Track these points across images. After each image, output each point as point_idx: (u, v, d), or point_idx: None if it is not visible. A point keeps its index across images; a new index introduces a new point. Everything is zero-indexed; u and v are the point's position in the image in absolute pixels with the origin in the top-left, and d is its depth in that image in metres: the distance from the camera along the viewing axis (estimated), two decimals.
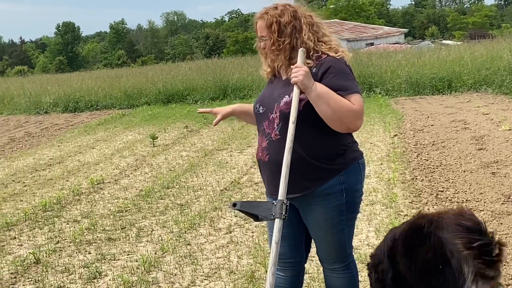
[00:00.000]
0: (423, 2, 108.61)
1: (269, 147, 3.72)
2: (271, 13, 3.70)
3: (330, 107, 3.52)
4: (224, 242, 6.79)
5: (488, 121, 13.34)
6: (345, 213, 3.75)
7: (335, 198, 3.69)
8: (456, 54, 23.69)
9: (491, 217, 6.86)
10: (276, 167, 3.62)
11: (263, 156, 3.76)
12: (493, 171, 8.93)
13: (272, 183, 3.73)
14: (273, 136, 3.69)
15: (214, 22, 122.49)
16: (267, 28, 3.69)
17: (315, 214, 3.74)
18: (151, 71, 31.82)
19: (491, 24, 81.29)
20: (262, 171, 3.86)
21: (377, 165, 9.99)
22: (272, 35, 3.67)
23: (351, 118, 3.58)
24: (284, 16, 3.68)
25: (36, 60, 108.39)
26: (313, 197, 3.68)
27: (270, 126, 3.72)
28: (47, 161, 12.98)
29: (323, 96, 3.52)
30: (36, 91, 28.35)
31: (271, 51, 3.72)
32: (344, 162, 3.71)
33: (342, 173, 3.69)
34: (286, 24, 3.67)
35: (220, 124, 4.20)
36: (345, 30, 58.41)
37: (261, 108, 3.81)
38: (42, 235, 7.56)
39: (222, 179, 9.90)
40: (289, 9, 3.73)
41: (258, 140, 3.87)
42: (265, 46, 3.74)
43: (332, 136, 3.66)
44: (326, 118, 3.56)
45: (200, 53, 79.48)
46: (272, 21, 3.67)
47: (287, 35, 3.67)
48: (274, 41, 3.67)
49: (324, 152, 3.66)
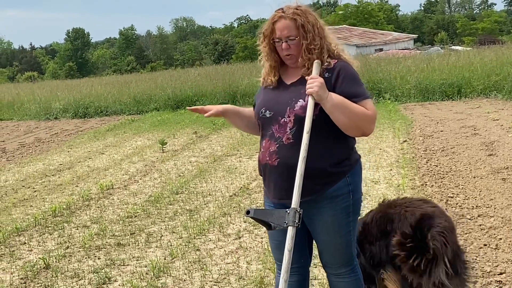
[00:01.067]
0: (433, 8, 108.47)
1: (279, 151, 3.70)
2: (299, 13, 3.68)
3: (346, 116, 3.55)
4: (233, 247, 6.78)
5: (498, 127, 13.29)
6: (351, 214, 3.78)
7: (343, 199, 3.72)
8: (466, 60, 23.63)
9: (501, 223, 6.83)
10: (287, 171, 3.63)
11: (272, 160, 3.73)
12: (504, 177, 8.90)
13: (281, 187, 3.72)
14: (284, 140, 3.68)
15: (223, 28, 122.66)
16: (298, 28, 3.66)
17: (324, 217, 3.74)
18: (160, 77, 31.87)
19: (501, 30, 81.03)
20: (268, 176, 3.82)
21: (386, 171, 9.97)
22: (307, 34, 3.65)
23: (366, 124, 3.62)
24: (310, 17, 3.70)
25: (46, 66, 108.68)
26: (322, 200, 3.69)
27: (281, 130, 3.70)
28: (57, 167, 13.01)
29: (339, 107, 3.55)
30: (46, 97, 28.48)
31: (308, 50, 3.68)
32: (350, 164, 3.75)
33: (348, 175, 3.72)
34: (314, 24, 3.69)
35: (229, 129, 4.21)
36: (354, 36, 58.44)
37: (268, 112, 3.78)
38: (51, 240, 7.58)
39: (231, 184, 9.90)
40: (309, 11, 3.74)
41: (264, 144, 3.81)
42: (289, 46, 3.70)
43: (343, 141, 3.70)
44: (342, 126, 3.59)
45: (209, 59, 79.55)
46: (303, 21, 3.65)
47: (317, 35, 3.68)
48: (311, 41, 3.66)
49: (335, 157, 3.68)
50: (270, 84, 3.88)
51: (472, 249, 6.14)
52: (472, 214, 7.28)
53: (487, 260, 5.86)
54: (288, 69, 3.84)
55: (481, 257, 5.93)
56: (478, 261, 5.85)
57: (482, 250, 6.12)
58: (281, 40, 3.70)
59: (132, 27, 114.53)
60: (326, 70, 3.66)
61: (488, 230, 6.68)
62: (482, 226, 6.81)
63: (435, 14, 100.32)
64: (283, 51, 3.73)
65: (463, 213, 7.35)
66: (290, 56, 3.74)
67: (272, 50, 3.80)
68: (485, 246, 6.21)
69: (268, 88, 3.90)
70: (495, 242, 6.30)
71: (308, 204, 3.63)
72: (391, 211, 4.41)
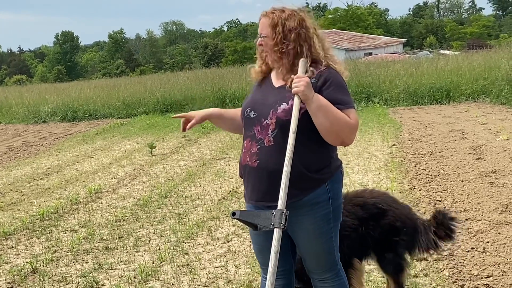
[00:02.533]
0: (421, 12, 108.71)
1: (259, 152, 3.68)
2: (278, 14, 3.69)
3: (329, 120, 3.53)
4: (222, 251, 6.78)
5: (486, 131, 13.36)
6: (332, 221, 3.77)
7: (323, 206, 3.70)
8: (454, 64, 23.75)
9: (489, 227, 6.86)
10: (266, 173, 3.63)
11: (252, 162, 3.71)
12: (491, 180, 8.94)
13: (258, 189, 3.72)
14: (265, 142, 3.66)
15: (213, 32, 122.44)
16: (270, 27, 3.68)
17: (303, 225, 3.72)
18: (150, 81, 31.84)
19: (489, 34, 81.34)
20: (247, 177, 3.80)
21: (375, 174, 10.00)
22: (276, 35, 3.66)
23: (347, 132, 3.60)
24: (290, 21, 3.68)
25: (34, 69, 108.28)
26: (301, 207, 3.67)
27: (262, 131, 3.69)
28: (45, 170, 12.97)
29: (322, 109, 3.53)
30: (34, 100, 28.40)
31: (274, 52, 3.70)
32: (330, 171, 3.73)
33: (328, 182, 3.71)
34: (292, 29, 3.67)
35: (218, 133, 4.21)
36: (344, 40, 58.66)
37: (253, 113, 3.77)
38: (39, 244, 7.55)
39: (220, 188, 9.89)
40: (296, 16, 3.72)
41: (245, 145, 3.80)
42: (261, 43, 3.74)
43: (324, 148, 3.68)
44: (323, 130, 3.57)
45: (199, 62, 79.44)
46: (276, 22, 3.67)
47: (292, 40, 3.67)
48: (278, 42, 3.67)
49: (315, 162, 3.67)
50: (256, 77, 3.92)
51: (459, 253, 6.17)
52: (460, 217, 7.30)
53: (475, 263, 5.88)
54: (279, 71, 3.85)
55: (469, 261, 5.95)
56: (465, 264, 5.88)
57: (469, 253, 6.15)
58: (259, 36, 3.76)
59: (121, 31, 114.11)
60: (313, 77, 3.65)
61: (475, 233, 6.71)
62: (469, 230, 6.84)
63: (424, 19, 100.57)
64: (258, 48, 3.79)
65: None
66: (266, 54, 3.77)
67: None
68: (472, 250, 6.23)
69: (258, 87, 3.92)
70: (483, 245, 6.32)
71: (288, 210, 3.58)
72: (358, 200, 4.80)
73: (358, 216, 4.68)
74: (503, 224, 6.92)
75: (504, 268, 5.70)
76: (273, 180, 3.53)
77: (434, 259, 6.01)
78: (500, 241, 6.40)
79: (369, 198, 4.86)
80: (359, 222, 4.68)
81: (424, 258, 6.04)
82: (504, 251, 6.13)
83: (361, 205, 4.75)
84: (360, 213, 4.70)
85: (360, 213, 4.70)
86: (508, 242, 6.35)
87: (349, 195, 4.79)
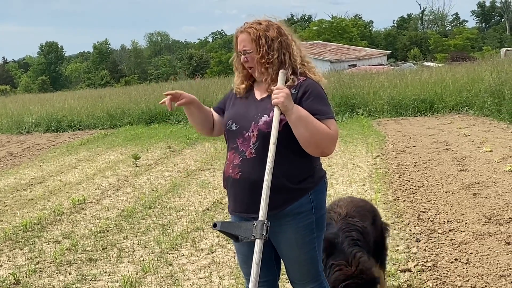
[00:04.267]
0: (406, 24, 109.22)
1: (242, 164, 3.70)
2: (256, 27, 3.71)
3: (309, 130, 3.54)
4: (206, 262, 6.77)
5: (470, 143, 13.43)
6: (315, 231, 3.78)
7: (306, 216, 3.72)
8: (438, 76, 23.87)
9: (472, 238, 6.89)
10: (249, 185, 3.64)
11: (234, 174, 3.73)
12: (474, 192, 8.98)
13: (241, 201, 3.74)
14: (247, 154, 3.68)
15: (197, 43, 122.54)
16: (253, 41, 3.69)
17: (286, 234, 3.74)
18: (134, 91, 31.75)
19: (473, 46, 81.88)
20: (230, 189, 3.82)
21: (359, 185, 10.02)
22: (260, 48, 3.68)
23: (327, 142, 3.61)
24: (270, 31, 3.71)
25: (18, 79, 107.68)
26: (284, 216, 3.69)
27: (245, 143, 3.71)
28: (29, 181, 12.90)
29: (302, 119, 3.54)
30: (18, 111, 28.22)
31: (261, 64, 3.71)
32: (314, 181, 3.75)
33: (311, 192, 3.73)
34: (274, 38, 3.70)
35: (203, 144, 4.21)
36: (328, 51, 58.84)
37: (234, 125, 3.79)
38: (22, 255, 7.50)
39: (204, 199, 9.88)
40: (273, 25, 3.76)
41: (228, 157, 3.82)
42: (247, 59, 3.74)
43: (305, 159, 3.70)
44: (303, 141, 3.58)
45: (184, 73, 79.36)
46: (258, 35, 3.69)
47: (275, 49, 3.70)
48: (264, 54, 3.68)
49: (297, 173, 3.69)
50: (239, 92, 3.92)
51: (443, 264, 6.19)
52: (444, 228, 7.34)
53: (458, 274, 5.90)
54: (261, 84, 3.86)
55: (452, 272, 5.97)
56: (449, 275, 5.90)
57: (453, 264, 6.17)
58: (241, 53, 3.76)
59: (106, 41, 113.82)
60: (293, 87, 3.67)
61: (459, 244, 6.74)
62: (453, 241, 6.87)
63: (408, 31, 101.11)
64: (244, 64, 3.79)
65: (435, 227, 7.40)
66: (252, 69, 3.79)
67: (239, 63, 3.85)
68: (456, 261, 6.25)
69: (239, 99, 3.92)
70: (466, 256, 6.35)
71: (271, 220, 3.56)
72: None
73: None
74: (487, 235, 6.95)
75: (488, 279, 5.73)
76: (256, 192, 3.53)
77: (418, 270, 6.03)
78: (484, 252, 6.42)
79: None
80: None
81: (408, 269, 6.06)
82: (487, 262, 6.16)
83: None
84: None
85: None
86: (492, 253, 6.38)
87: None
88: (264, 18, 3.81)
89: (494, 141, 13.26)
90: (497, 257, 6.25)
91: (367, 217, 5.04)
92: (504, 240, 6.73)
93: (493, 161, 11.00)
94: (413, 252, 6.58)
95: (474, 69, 23.86)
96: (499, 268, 5.96)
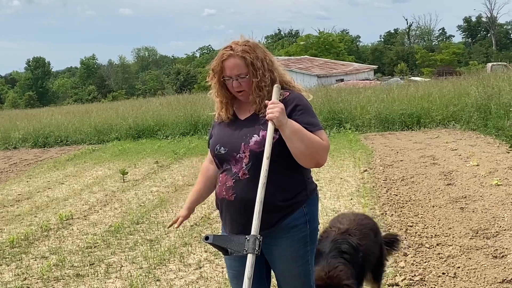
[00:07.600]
0: (392, 39, 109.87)
1: (235, 186, 3.69)
2: (248, 50, 3.68)
3: (304, 143, 3.55)
4: (194, 278, 6.75)
5: (457, 157, 13.48)
6: (308, 244, 3.79)
7: (300, 229, 3.73)
8: (425, 90, 23.99)
9: (459, 252, 6.91)
10: (244, 206, 3.64)
11: (228, 195, 3.72)
12: (462, 206, 9.02)
13: (237, 221, 3.73)
14: (240, 175, 3.67)
15: (185, 58, 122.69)
16: (249, 65, 3.65)
17: (281, 247, 3.74)
18: (122, 107, 31.71)
19: (459, 61, 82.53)
20: (225, 210, 3.81)
21: (347, 200, 10.04)
22: (257, 71, 3.66)
23: (322, 153, 3.63)
24: (258, 51, 3.71)
25: (5, 95, 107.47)
26: (279, 231, 3.69)
27: (237, 165, 3.69)
28: (15, 197, 12.84)
29: (297, 133, 3.55)
30: (5, 126, 28.10)
31: (258, 87, 3.69)
32: (306, 194, 3.77)
33: (304, 205, 3.74)
34: (263, 58, 3.71)
35: (190, 159, 4.22)
36: (316, 66, 59.10)
37: (223, 149, 3.76)
38: (9, 271, 7.45)
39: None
40: (257, 45, 3.76)
41: (221, 179, 3.81)
42: (240, 84, 3.70)
43: (297, 173, 3.72)
44: (298, 154, 3.58)
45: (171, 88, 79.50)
46: (253, 58, 3.66)
47: (267, 70, 3.71)
48: (261, 77, 3.67)
49: (290, 189, 3.70)
50: (224, 119, 3.87)
51: (430, 278, 6.20)
52: (431, 243, 7.36)
53: None
54: (242, 104, 3.83)
55: (440, 286, 5.99)
56: None
57: (440, 278, 6.18)
58: (232, 78, 3.70)
59: (93, 56, 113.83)
60: (281, 101, 3.67)
61: (446, 258, 6.76)
62: (440, 255, 6.89)
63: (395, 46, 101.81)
64: (234, 89, 3.74)
65: (422, 242, 7.42)
66: (242, 92, 3.75)
67: (222, 87, 3.78)
68: (443, 275, 6.27)
69: (222, 124, 3.89)
70: (454, 270, 6.37)
71: (266, 235, 3.59)
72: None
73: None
74: (474, 249, 6.98)
75: None
76: (251, 212, 3.50)
77: (406, 284, 6.04)
78: (471, 266, 6.45)
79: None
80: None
81: (396, 283, 6.07)
82: (474, 276, 6.18)
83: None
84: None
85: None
86: (479, 267, 6.40)
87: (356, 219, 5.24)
88: (242, 38, 3.79)
89: (481, 155, 13.33)
90: (484, 271, 6.28)
91: (368, 236, 5.05)
92: (491, 254, 6.76)
93: (480, 175, 11.05)
94: (400, 266, 6.60)
95: (461, 84, 23.98)
96: (486, 282, 5.98)
